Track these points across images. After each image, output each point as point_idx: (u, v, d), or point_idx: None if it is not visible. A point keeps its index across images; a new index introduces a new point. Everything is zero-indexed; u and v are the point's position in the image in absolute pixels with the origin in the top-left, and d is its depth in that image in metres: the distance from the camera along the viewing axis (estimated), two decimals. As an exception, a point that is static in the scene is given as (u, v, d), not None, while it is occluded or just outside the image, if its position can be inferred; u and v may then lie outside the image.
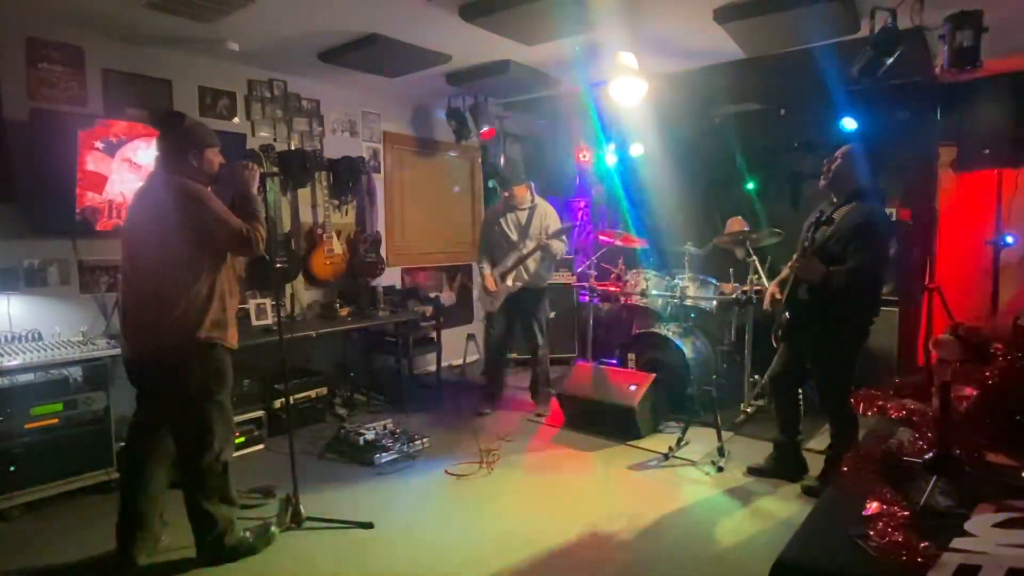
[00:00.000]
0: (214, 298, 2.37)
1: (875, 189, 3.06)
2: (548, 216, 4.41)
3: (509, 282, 4.32)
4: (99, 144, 3.36)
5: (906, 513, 1.14)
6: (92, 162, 3.36)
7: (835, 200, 3.07)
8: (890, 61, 3.13)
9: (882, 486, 1.24)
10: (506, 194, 4.38)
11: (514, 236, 4.33)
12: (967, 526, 1.14)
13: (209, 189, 2.44)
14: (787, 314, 3.10)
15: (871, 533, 1.10)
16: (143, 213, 2.39)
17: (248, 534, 2.60)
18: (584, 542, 2.74)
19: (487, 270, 4.35)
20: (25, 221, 3.31)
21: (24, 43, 3.31)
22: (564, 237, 4.37)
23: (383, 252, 5.09)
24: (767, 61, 3.96)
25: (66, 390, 3.10)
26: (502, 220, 4.38)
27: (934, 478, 1.29)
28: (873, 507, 1.17)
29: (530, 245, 4.28)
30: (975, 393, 1.57)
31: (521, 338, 4.56)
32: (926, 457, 1.30)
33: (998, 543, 1.07)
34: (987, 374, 1.56)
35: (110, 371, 3.15)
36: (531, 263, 4.32)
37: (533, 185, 4.44)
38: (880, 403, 1.75)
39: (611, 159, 5.98)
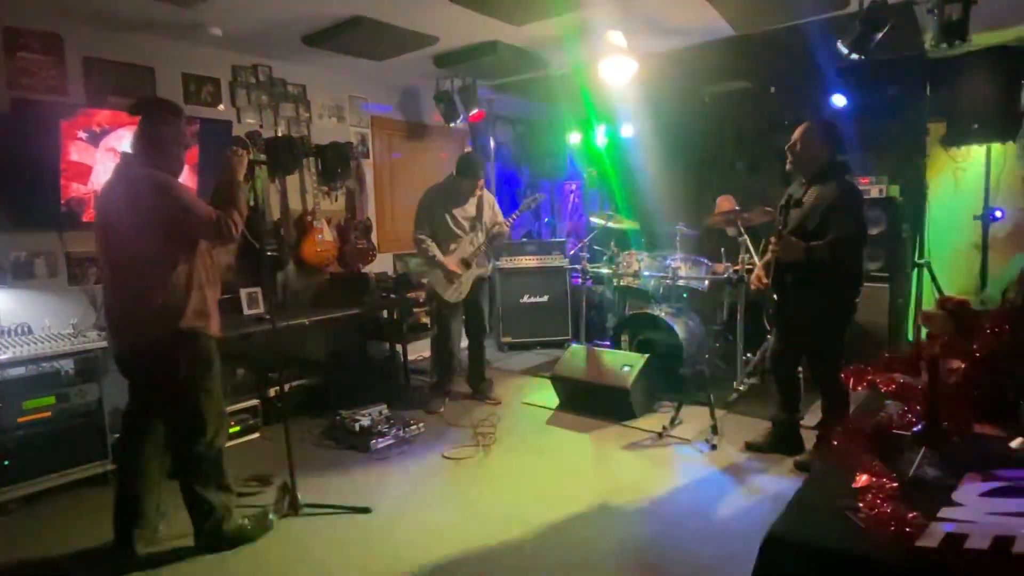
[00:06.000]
0: (193, 287, 2.36)
1: (841, 162, 3.06)
2: (494, 205, 4.37)
3: (475, 269, 4.21)
4: (82, 134, 3.32)
5: (895, 484, 1.15)
6: (76, 152, 3.31)
7: (804, 180, 3.08)
8: (879, 36, 3.11)
9: (872, 459, 1.25)
10: (468, 181, 4.11)
11: (466, 223, 4.16)
12: (955, 496, 1.16)
13: (180, 177, 2.43)
14: (775, 296, 3.12)
15: (860, 505, 1.12)
16: (112, 206, 2.36)
17: (246, 521, 2.61)
18: (581, 521, 2.77)
19: (440, 256, 4.07)
20: (10, 214, 3.26)
21: (1, 33, 3.24)
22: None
23: (374, 238, 5.06)
24: (756, 39, 3.93)
25: (58, 383, 3.09)
26: (451, 206, 4.12)
27: (922, 450, 1.30)
28: (863, 479, 1.19)
29: (481, 234, 4.19)
30: (963, 366, 1.58)
31: (468, 327, 4.37)
32: (915, 430, 1.31)
33: (985, 512, 1.08)
34: (974, 347, 1.57)
35: (102, 363, 3.13)
36: (488, 250, 4.29)
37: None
38: (870, 378, 1.77)
39: (602, 140, 5.95)
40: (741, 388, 4.28)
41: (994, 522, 1.04)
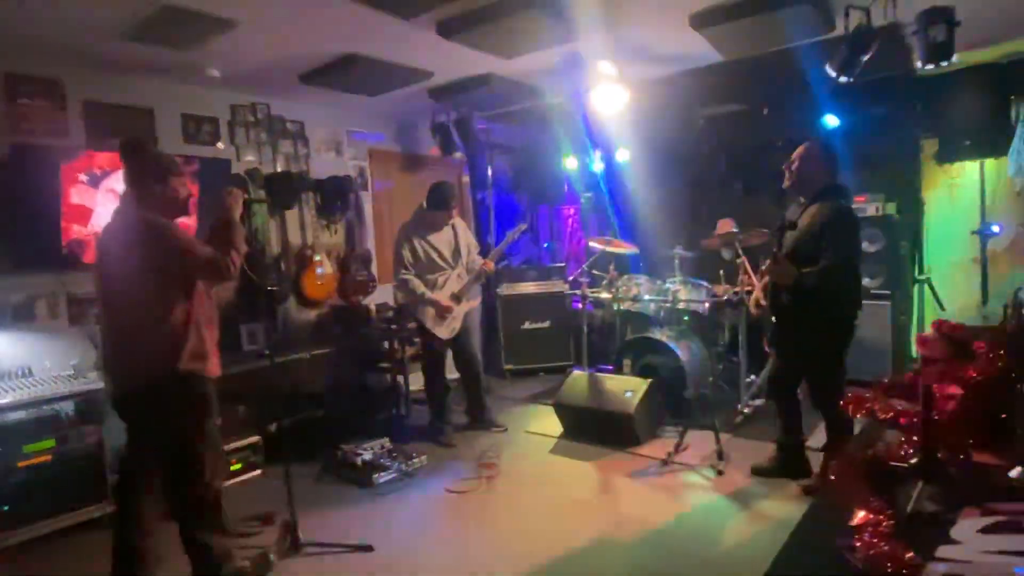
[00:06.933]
0: (190, 329, 2.35)
1: (839, 186, 3.07)
2: (468, 232, 4.35)
3: (465, 304, 4.17)
4: (83, 176, 3.36)
5: (892, 522, 1.14)
6: (76, 195, 3.35)
7: (802, 200, 3.09)
8: (866, 58, 3.15)
9: (869, 493, 1.23)
10: (441, 214, 4.09)
11: (448, 256, 4.13)
12: (953, 532, 1.14)
13: (179, 220, 2.44)
14: (773, 319, 3.11)
15: (857, 544, 1.10)
16: (111, 249, 2.37)
17: (246, 563, 2.58)
18: (587, 553, 2.74)
19: (429, 292, 4.03)
20: (11, 256, 3.30)
21: (2, 79, 3.31)
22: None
23: (374, 269, 5.08)
24: (747, 62, 3.98)
25: (58, 425, 3.08)
26: (430, 239, 4.08)
27: (920, 483, 1.29)
28: (860, 516, 1.17)
29: (460, 264, 4.16)
30: (960, 393, 1.57)
31: (460, 360, 4.31)
32: (911, 462, 1.30)
33: (981, 550, 1.06)
34: (971, 373, 1.56)
35: (103, 404, 3.12)
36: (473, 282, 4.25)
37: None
38: (869, 405, 1.75)
39: (598, 166, 6.00)
40: (746, 411, 4.24)
41: (991, 562, 1.02)
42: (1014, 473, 1.38)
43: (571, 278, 5.73)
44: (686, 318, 4.72)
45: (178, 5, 2.82)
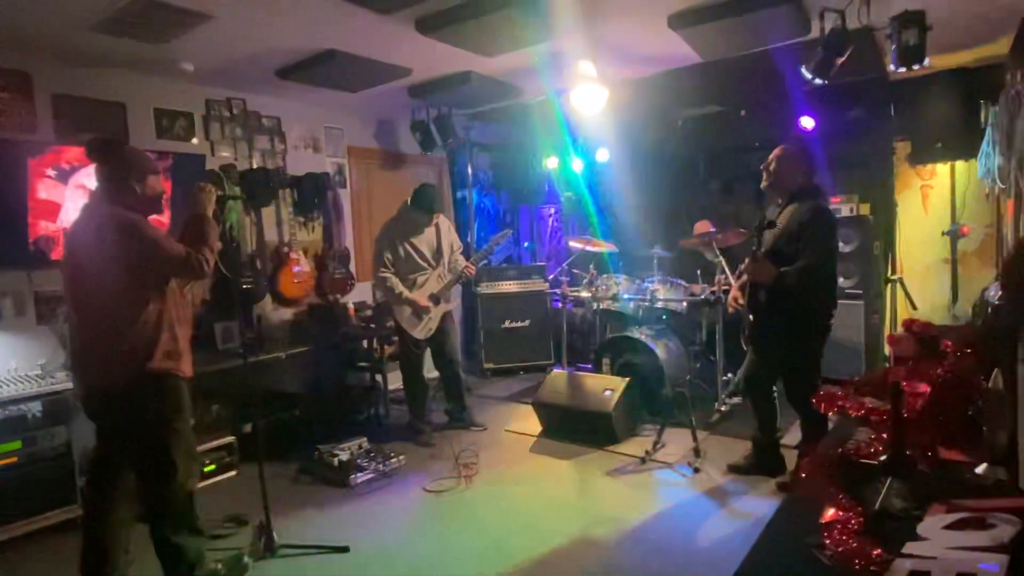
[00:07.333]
0: (163, 328, 2.31)
1: (816, 186, 3.12)
2: (451, 231, 4.34)
3: (443, 305, 4.17)
4: (51, 172, 3.28)
5: (860, 519, 1.15)
6: (44, 190, 3.27)
7: (779, 201, 3.13)
8: (841, 61, 3.19)
9: (838, 491, 1.25)
10: (424, 215, 4.08)
11: (429, 256, 4.13)
12: (920, 529, 1.16)
13: (154, 216, 2.39)
14: (750, 316, 3.14)
15: (827, 541, 1.11)
16: (80, 246, 2.32)
17: (220, 566, 2.54)
18: (565, 551, 2.74)
19: (407, 292, 4.01)
20: (-24, 254, 3.21)
21: (-32, 71, 3.22)
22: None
23: (352, 268, 5.04)
24: (725, 64, 4.01)
25: (25, 427, 3.00)
26: (412, 240, 4.07)
27: (888, 480, 1.31)
28: (829, 514, 1.19)
29: (442, 263, 4.16)
30: (929, 390, 1.60)
31: (438, 360, 4.30)
32: (880, 459, 1.32)
33: (947, 546, 1.08)
34: (940, 371, 1.59)
35: (71, 404, 3.05)
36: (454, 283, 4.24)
37: None
38: (840, 403, 1.78)
39: (578, 165, 6.01)
40: (723, 408, 4.29)
41: (955, 557, 1.04)
42: (980, 470, 1.41)
43: (551, 277, 5.75)
44: (664, 317, 4.76)
45: (151, -3, 2.76)
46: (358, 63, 3.78)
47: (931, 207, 4.70)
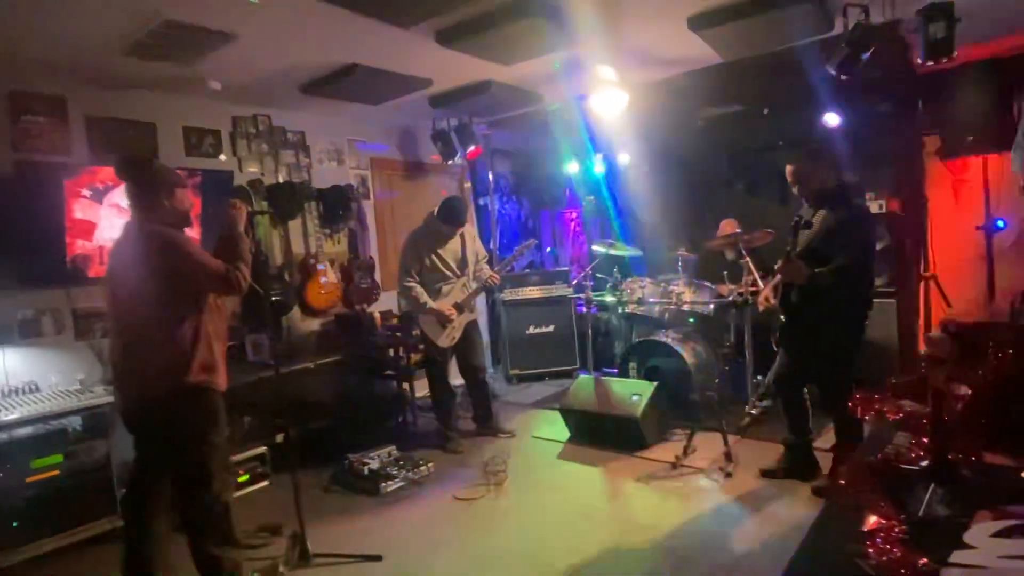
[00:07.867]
0: (200, 342, 2.36)
1: (846, 185, 3.07)
2: (476, 240, 4.36)
3: (467, 314, 4.18)
4: (86, 191, 3.37)
5: (903, 527, 1.12)
6: (80, 210, 3.36)
7: (812, 202, 3.09)
8: (866, 56, 3.14)
9: (880, 498, 1.22)
10: (450, 227, 4.10)
11: (454, 265, 4.15)
12: (966, 537, 1.13)
13: (186, 231, 2.45)
14: (782, 317, 3.09)
15: (870, 550, 1.09)
16: (122, 263, 2.39)
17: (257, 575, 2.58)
18: (598, 560, 2.72)
19: (431, 301, 4.04)
20: (16, 273, 3.31)
21: (6, 97, 3.33)
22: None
23: (377, 277, 5.09)
24: (746, 63, 3.97)
25: (66, 440, 3.09)
26: (436, 248, 4.10)
27: (931, 486, 1.27)
28: (871, 522, 1.16)
29: (469, 272, 4.19)
30: (970, 392, 1.55)
31: (463, 367, 4.31)
32: (922, 465, 1.29)
33: (997, 555, 1.05)
34: (980, 373, 1.55)
35: (110, 418, 3.13)
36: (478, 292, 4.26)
37: None
38: (878, 406, 1.74)
39: (600, 169, 6.00)
40: (753, 412, 4.22)
41: (1006, 567, 1.01)
42: (1027, 474, 1.37)
43: (575, 282, 5.73)
44: (691, 320, 4.70)
45: (178, 19, 2.83)
46: (380, 76, 3.83)
47: (963, 202, 4.58)
